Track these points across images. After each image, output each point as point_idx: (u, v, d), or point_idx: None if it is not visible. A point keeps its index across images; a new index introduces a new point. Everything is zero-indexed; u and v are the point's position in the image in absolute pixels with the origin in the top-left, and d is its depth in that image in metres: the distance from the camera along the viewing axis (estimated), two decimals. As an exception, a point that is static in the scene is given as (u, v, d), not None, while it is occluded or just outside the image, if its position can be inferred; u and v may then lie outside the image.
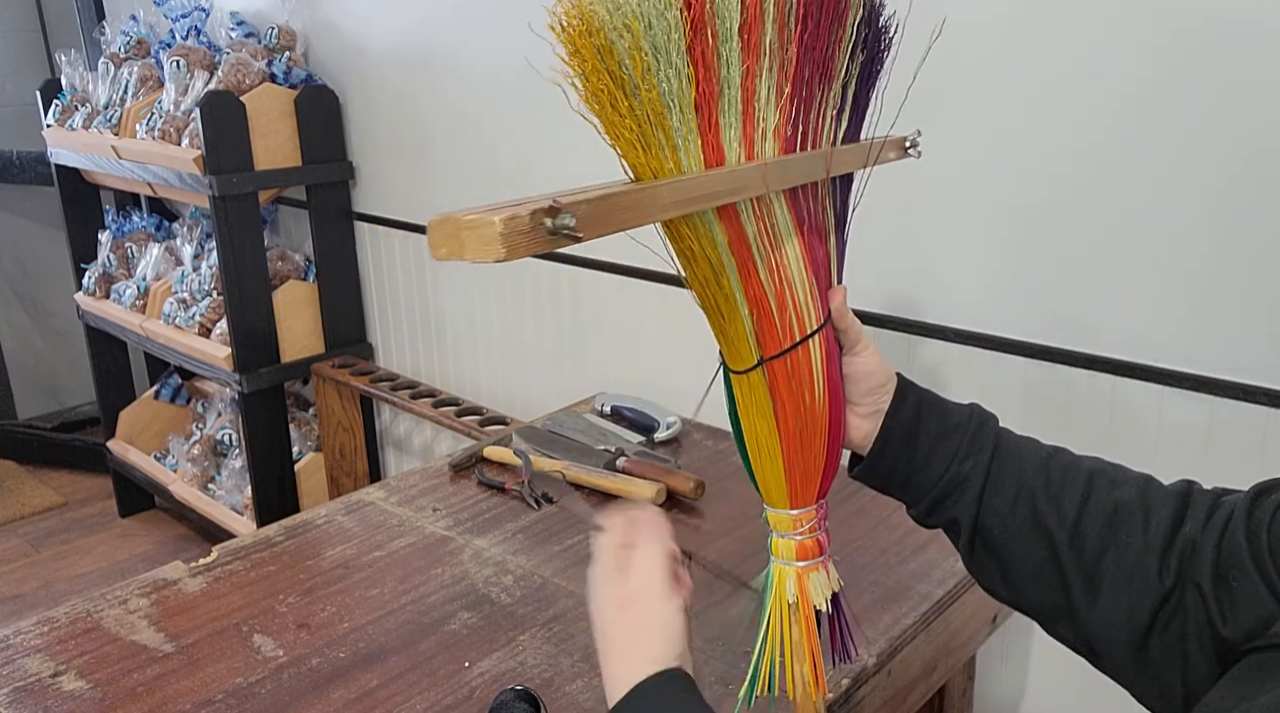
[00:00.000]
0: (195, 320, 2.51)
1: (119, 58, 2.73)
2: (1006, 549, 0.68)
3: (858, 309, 1.50)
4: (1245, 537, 0.57)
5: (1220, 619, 0.57)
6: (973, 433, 0.70)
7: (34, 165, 3.21)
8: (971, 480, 0.69)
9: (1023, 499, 0.67)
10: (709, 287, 0.69)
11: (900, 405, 0.72)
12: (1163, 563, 0.61)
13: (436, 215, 0.55)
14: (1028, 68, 1.24)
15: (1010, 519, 0.67)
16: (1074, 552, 0.64)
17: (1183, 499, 0.63)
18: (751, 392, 0.70)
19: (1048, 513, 0.66)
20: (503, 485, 1.34)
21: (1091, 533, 0.64)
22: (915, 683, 1.05)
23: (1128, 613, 0.61)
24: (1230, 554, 0.57)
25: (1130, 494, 0.65)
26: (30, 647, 1.00)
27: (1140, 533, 0.62)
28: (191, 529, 3.02)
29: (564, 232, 0.53)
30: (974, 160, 1.31)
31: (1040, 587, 0.66)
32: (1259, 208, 1.10)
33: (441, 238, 0.54)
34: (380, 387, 2.31)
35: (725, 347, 0.71)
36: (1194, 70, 1.11)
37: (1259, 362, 1.13)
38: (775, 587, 0.74)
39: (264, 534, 1.22)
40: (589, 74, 0.62)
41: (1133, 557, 0.62)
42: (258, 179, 2.31)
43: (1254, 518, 0.58)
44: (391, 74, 2.24)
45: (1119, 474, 0.67)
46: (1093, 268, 1.24)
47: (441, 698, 0.91)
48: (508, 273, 2.08)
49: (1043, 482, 0.67)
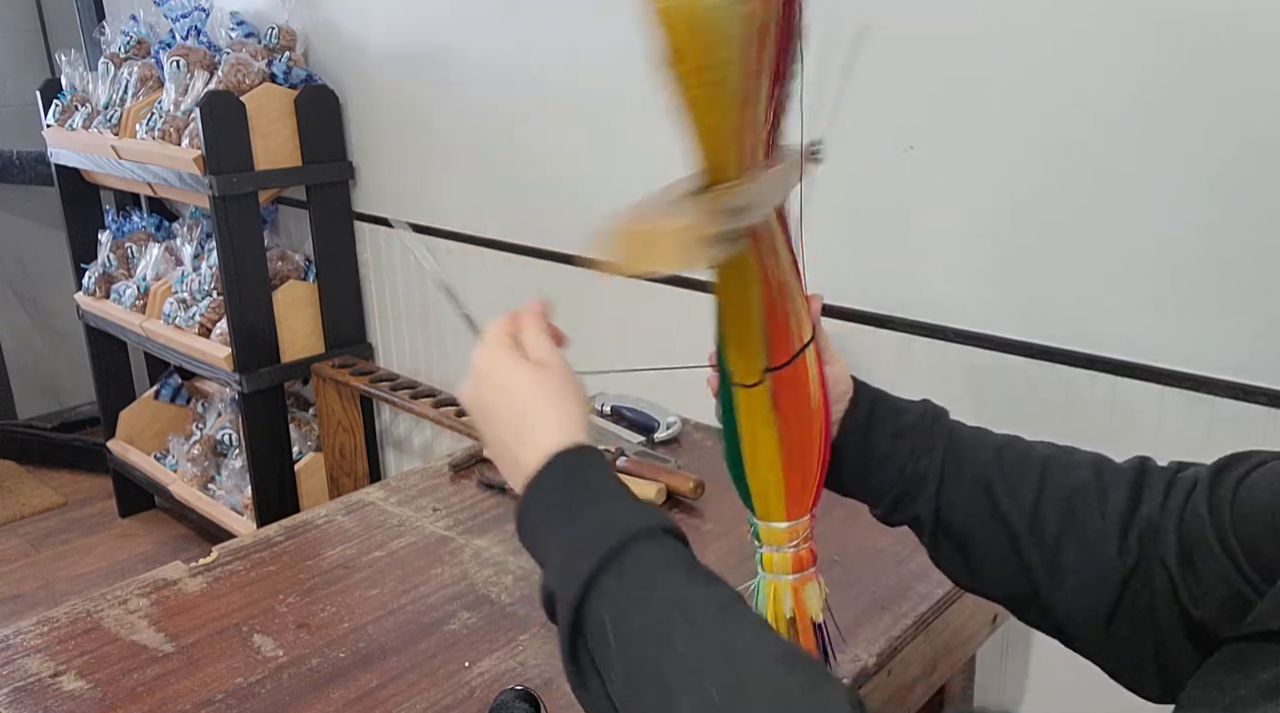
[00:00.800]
0: (195, 320, 2.51)
1: (119, 58, 2.73)
2: (968, 541, 0.68)
3: (856, 309, 1.50)
4: (1208, 514, 0.57)
5: (1190, 600, 0.57)
6: (925, 430, 0.71)
7: (34, 165, 3.21)
8: (928, 477, 0.70)
9: (979, 491, 0.68)
10: (737, 297, 0.67)
11: (854, 409, 0.73)
12: (1122, 542, 0.62)
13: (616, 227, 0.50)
14: (1026, 66, 1.24)
15: (969, 511, 0.68)
16: (1034, 538, 0.65)
17: (1137, 476, 0.64)
18: (755, 404, 0.70)
19: (1005, 502, 0.66)
20: (503, 486, 1.34)
21: (1050, 518, 0.65)
22: (915, 683, 1.05)
23: (1092, 594, 0.62)
24: (1194, 534, 0.58)
25: (1085, 477, 0.65)
26: (30, 647, 1.00)
27: (1098, 515, 0.63)
28: (191, 529, 3.02)
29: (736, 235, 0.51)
30: (972, 159, 1.31)
31: (1005, 575, 0.67)
32: (1259, 207, 1.10)
33: (627, 248, 0.50)
34: (380, 387, 2.31)
35: (737, 360, 0.70)
36: (1190, 66, 1.11)
37: (1259, 362, 1.13)
38: (770, 603, 0.73)
39: (264, 534, 1.22)
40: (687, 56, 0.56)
41: (1091, 538, 0.63)
42: (258, 179, 2.31)
43: (1216, 495, 0.58)
44: (391, 74, 2.24)
45: (1072, 458, 0.68)
46: (1092, 267, 1.24)
47: (441, 698, 0.91)
48: (507, 273, 2.08)
49: (998, 472, 0.68)
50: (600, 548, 0.54)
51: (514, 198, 2.03)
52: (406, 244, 1.22)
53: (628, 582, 0.54)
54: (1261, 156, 1.08)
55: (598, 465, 0.61)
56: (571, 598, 0.54)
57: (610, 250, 0.51)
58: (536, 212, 1.99)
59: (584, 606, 0.54)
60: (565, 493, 0.59)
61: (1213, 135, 1.11)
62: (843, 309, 1.50)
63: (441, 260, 2.25)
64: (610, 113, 1.77)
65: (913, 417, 0.72)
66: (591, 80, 1.79)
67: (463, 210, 2.16)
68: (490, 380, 0.65)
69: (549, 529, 0.59)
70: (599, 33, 1.74)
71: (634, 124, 1.63)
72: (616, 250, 0.51)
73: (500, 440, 0.65)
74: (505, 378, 0.65)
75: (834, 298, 1.51)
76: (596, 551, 0.54)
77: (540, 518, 0.60)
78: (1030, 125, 1.25)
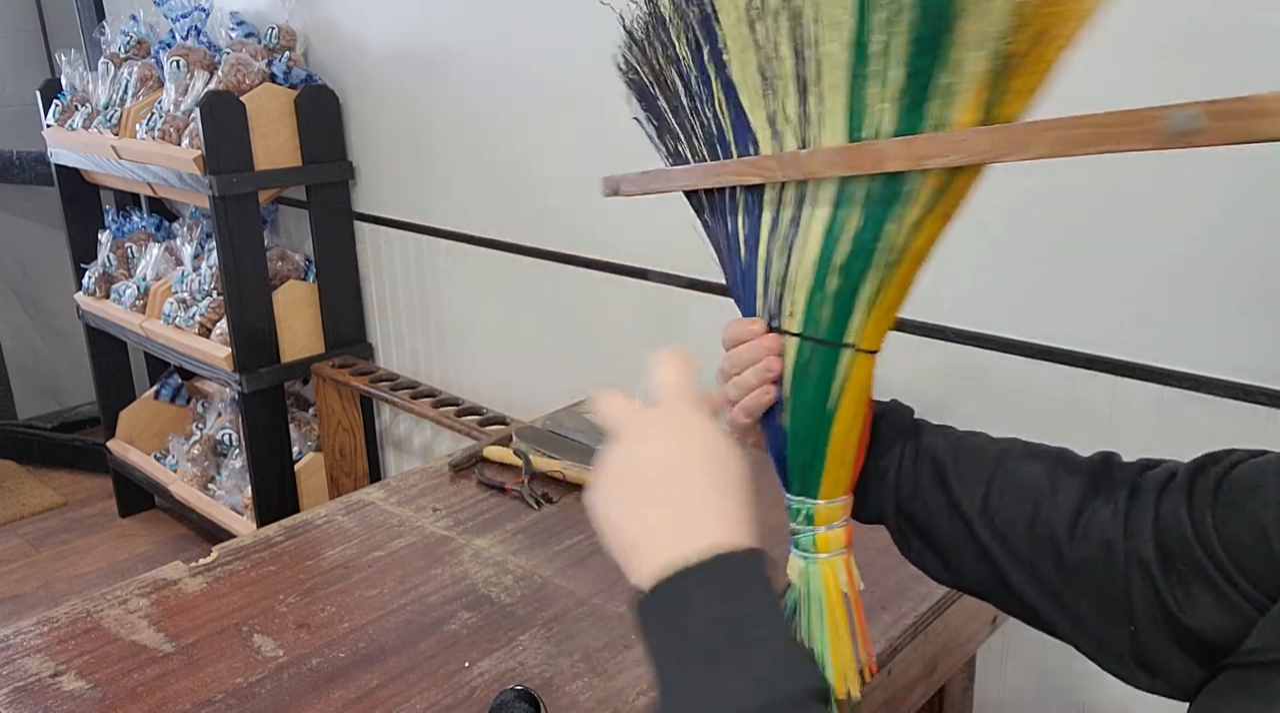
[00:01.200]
0: (195, 320, 2.52)
1: (119, 58, 2.73)
2: (931, 533, 0.68)
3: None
4: (1189, 519, 0.56)
5: (1176, 606, 0.56)
6: (887, 428, 0.71)
7: (34, 165, 3.21)
8: (888, 470, 0.70)
9: (934, 481, 0.68)
10: (928, 242, 0.64)
11: None
12: (1073, 531, 0.61)
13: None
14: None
15: (927, 503, 0.68)
16: (986, 525, 0.65)
17: (1095, 470, 0.64)
18: (865, 375, 0.66)
19: (958, 490, 0.66)
20: (503, 486, 1.34)
21: (1000, 506, 0.65)
22: (915, 683, 1.05)
23: (1048, 582, 0.62)
24: (1174, 538, 0.57)
25: (1038, 468, 0.65)
26: (30, 647, 1.00)
27: (1047, 502, 0.63)
28: (191, 529, 3.03)
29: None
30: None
31: (967, 564, 0.67)
32: (1259, 207, 1.10)
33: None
34: (380, 387, 2.31)
35: (879, 324, 0.65)
36: (1192, 65, 1.11)
37: (1259, 362, 1.13)
38: (826, 586, 0.69)
39: (264, 534, 1.22)
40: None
41: (1040, 527, 0.62)
42: (258, 179, 2.31)
43: (1195, 495, 0.57)
44: (392, 74, 2.24)
45: (1032, 450, 0.68)
46: (1092, 267, 1.24)
47: (441, 698, 0.91)
48: (507, 273, 2.08)
49: (952, 460, 0.68)
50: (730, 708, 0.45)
51: (514, 198, 2.03)
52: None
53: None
54: (1261, 156, 1.08)
55: (759, 583, 0.50)
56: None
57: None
58: (536, 212, 1.99)
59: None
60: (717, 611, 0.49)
61: (1213, 135, 1.11)
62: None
63: (441, 260, 2.25)
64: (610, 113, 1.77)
65: (875, 413, 0.71)
66: (592, 80, 1.79)
67: (463, 210, 2.16)
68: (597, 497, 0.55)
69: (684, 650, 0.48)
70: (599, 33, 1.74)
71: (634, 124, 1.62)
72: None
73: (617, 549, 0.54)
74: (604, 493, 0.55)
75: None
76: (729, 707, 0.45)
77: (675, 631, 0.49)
78: (1030, 125, 1.25)
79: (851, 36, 0.57)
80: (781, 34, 0.60)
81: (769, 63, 0.62)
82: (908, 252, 0.63)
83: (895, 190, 0.60)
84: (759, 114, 0.64)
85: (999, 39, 0.55)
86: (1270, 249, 1.10)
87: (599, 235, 1.85)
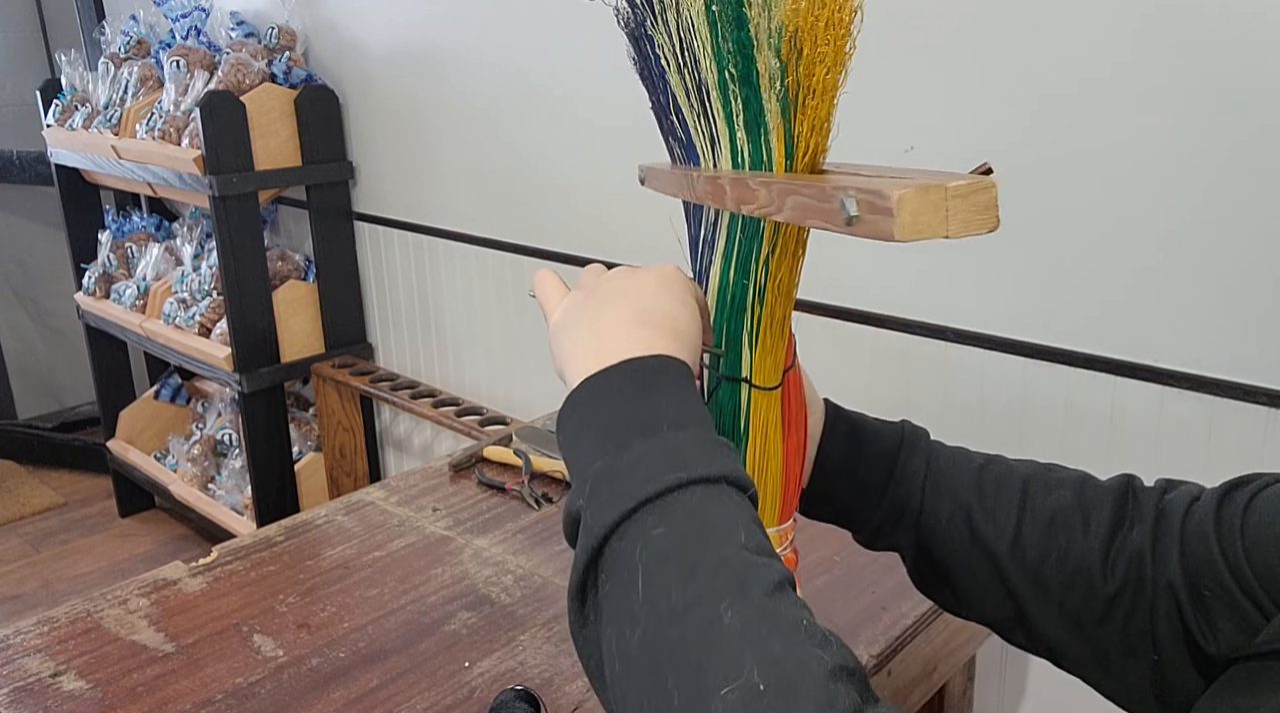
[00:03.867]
0: (195, 320, 2.52)
1: (119, 58, 2.73)
2: (950, 569, 0.67)
3: (855, 309, 1.50)
4: (1217, 545, 0.55)
5: (1201, 635, 0.55)
6: (904, 460, 0.69)
7: (34, 165, 3.21)
8: (908, 506, 0.68)
9: (959, 517, 0.66)
10: (786, 289, 0.63)
11: (830, 435, 0.71)
12: (1106, 564, 0.60)
13: (907, 189, 0.44)
14: (1027, 66, 1.24)
15: (950, 538, 0.67)
16: (1016, 563, 0.63)
17: (1121, 497, 0.62)
18: (771, 408, 0.67)
19: (985, 528, 0.65)
20: (503, 485, 1.34)
21: (1031, 543, 0.63)
22: (915, 683, 1.05)
23: (1076, 617, 0.61)
24: (1201, 563, 0.56)
25: (1067, 498, 0.64)
26: (30, 647, 1.00)
27: (1080, 536, 0.62)
28: (191, 529, 3.03)
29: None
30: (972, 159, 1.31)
31: (989, 600, 0.66)
32: (1259, 206, 1.10)
33: (921, 211, 0.44)
34: (380, 387, 2.31)
35: (765, 362, 0.66)
36: (1191, 66, 1.11)
37: (1259, 362, 1.13)
38: None
39: (264, 534, 1.22)
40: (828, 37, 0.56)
41: (1074, 561, 0.61)
42: (258, 179, 2.31)
43: (1223, 521, 0.56)
44: (391, 74, 2.24)
45: (1053, 477, 0.66)
46: (1092, 267, 1.24)
47: (441, 698, 0.91)
48: (507, 273, 2.08)
49: (977, 497, 0.66)
50: (652, 484, 0.46)
51: (514, 198, 2.03)
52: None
53: (675, 527, 0.45)
54: (1262, 156, 1.08)
55: (678, 379, 0.52)
56: (602, 527, 0.46)
57: (899, 216, 0.44)
58: (536, 211, 1.99)
59: (613, 539, 0.46)
60: (627, 402, 0.50)
61: (1213, 135, 1.11)
62: (843, 309, 1.50)
63: (441, 260, 2.25)
64: (610, 113, 1.77)
65: (891, 443, 0.70)
66: (591, 80, 1.79)
67: (463, 210, 2.16)
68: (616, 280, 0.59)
69: (595, 437, 0.50)
70: (599, 33, 1.74)
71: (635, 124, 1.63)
72: (906, 215, 0.44)
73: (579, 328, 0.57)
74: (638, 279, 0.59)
75: (834, 299, 1.51)
76: (647, 484, 0.46)
77: (587, 421, 0.51)
78: (1030, 125, 1.25)
79: (717, 65, 0.58)
80: (687, 59, 0.61)
81: (690, 83, 0.62)
82: (769, 287, 0.62)
83: (756, 225, 0.60)
84: (695, 131, 0.64)
85: (780, 70, 0.55)
86: (1270, 249, 1.10)
87: (599, 235, 1.85)
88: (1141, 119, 1.16)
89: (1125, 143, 1.18)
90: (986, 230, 0.45)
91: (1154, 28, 1.13)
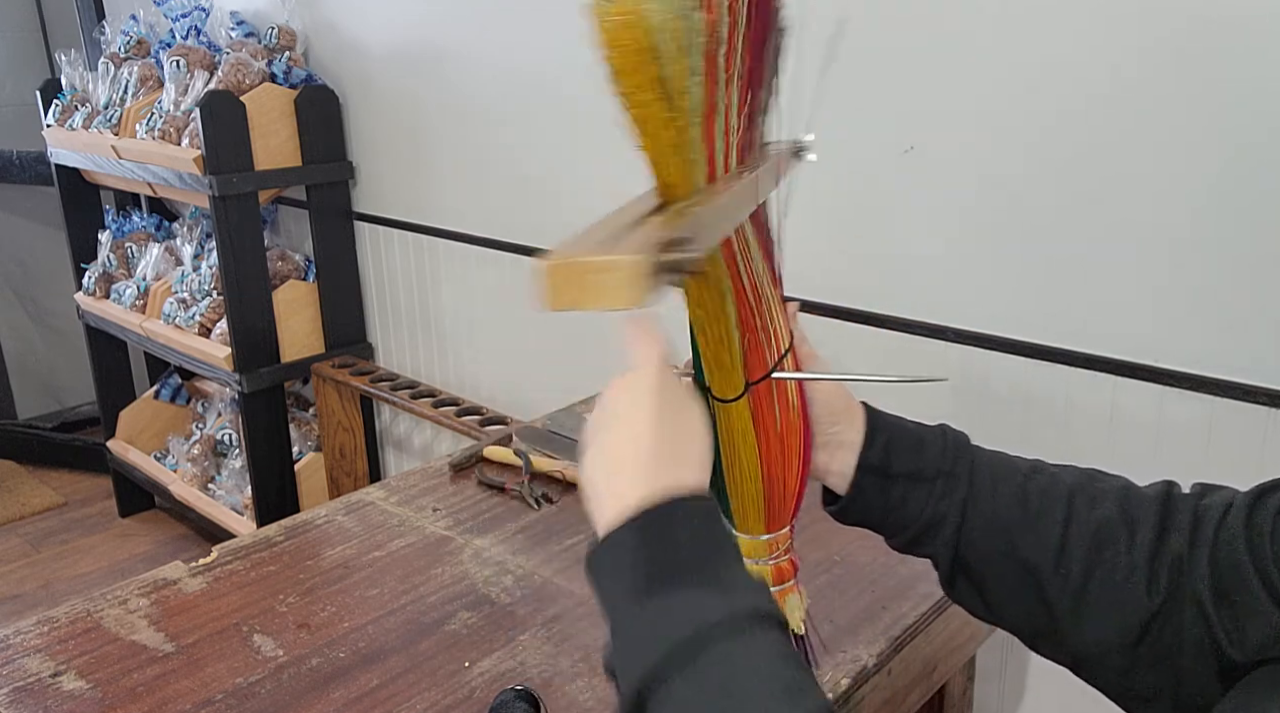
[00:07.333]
0: (195, 320, 2.52)
1: (119, 58, 2.73)
2: (985, 580, 0.67)
3: (857, 310, 1.50)
4: (1246, 549, 0.55)
5: (1226, 640, 0.55)
6: (947, 471, 0.68)
7: (34, 165, 3.21)
8: (948, 518, 0.67)
9: (1000, 532, 0.66)
10: (713, 311, 0.64)
11: (869, 449, 0.70)
12: (1151, 579, 0.60)
13: (551, 260, 0.45)
14: (1027, 66, 1.24)
15: (989, 551, 0.66)
16: (1059, 578, 0.63)
17: (1163, 507, 0.62)
18: (735, 419, 0.67)
19: (1028, 543, 0.64)
20: (503, 485, 1.34)
21: (1076, 557, 0.63)
22: (915, 683, 1.05)
23: (1117, 632, 0.60)
24: (1230, 569, 0.56)
25: (1111, 511, 0.63)
26: (30, 647, 1.00)
27: (1125, 550, 0.61)
28: (191, 529, 3.03)
29: (686, 267, 0.46)
30: (972, 159, 1.31)
31: (1023, 611, 0.65)
32: (1259, 206, 1.10)
33: (558, 285, 0.45)
34: (380, 387, 2.31)
35: (716, 377, 0.67)
36: (1192, 67, 1.11)
37: (1259, 362, 1.13)
38: None
39: (264, 534, 1.22)
40: (631, 73, 0.57)
41: (1120, 576, 0.61)
42: (258, 179, 2.31)
43: (1254, 526, 0.56)
44: (391, 74, 2.24)
45: (1096, 487, 0.65)
46: (1092, 267, 1.24)
47: (441, 698, 0.91)
48: (507, 273, 2.08)
49: (1020, 512, 0.65)
50: (669, 641, 0.47)
51: (514, 198, 2.03)
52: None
53: (700, 689, 0.46)
54: (1262, 156, 1.08)
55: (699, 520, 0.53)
56: (631, 691, 0.48)
57: (543, 285, 0.45)
58: (536, 212, 1.99)
59: (646, 704, 0.47)
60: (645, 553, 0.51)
61: (1213, 136, 1.11)
62: (843, 309, 1.50)
63: (441, 260, 2.25)
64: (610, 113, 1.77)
65: (933, 452, 0.69)
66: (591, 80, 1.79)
67: (463, 210, 2.16)
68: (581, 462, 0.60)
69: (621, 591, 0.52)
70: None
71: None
72: (548, 286, 0.45)
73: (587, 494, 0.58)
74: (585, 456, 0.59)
75: (834, 299, 1.51)
76: (666, 640, 0.47)
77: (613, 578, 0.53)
78: (1030, 125, 1.25)
79: None
80: None
81: None
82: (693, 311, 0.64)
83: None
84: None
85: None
86: (1270, 249, 1.10)
87: (599, 235, 1.85)
88: (1141, 119, 1.16)
89: (1125, 143, 1.18)
90: (624, 307, 0.45)
91: (1154, 28, 1.13)
